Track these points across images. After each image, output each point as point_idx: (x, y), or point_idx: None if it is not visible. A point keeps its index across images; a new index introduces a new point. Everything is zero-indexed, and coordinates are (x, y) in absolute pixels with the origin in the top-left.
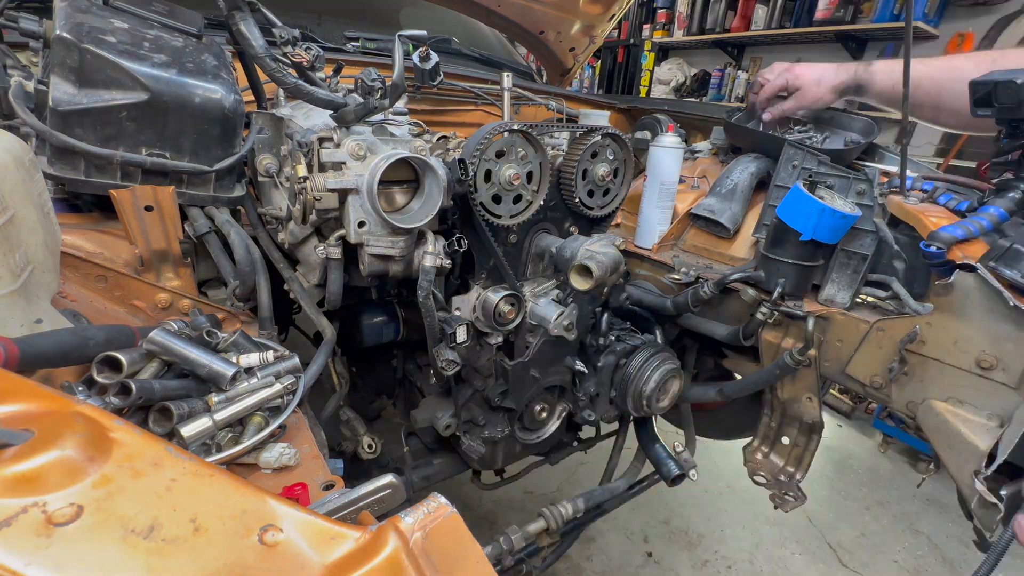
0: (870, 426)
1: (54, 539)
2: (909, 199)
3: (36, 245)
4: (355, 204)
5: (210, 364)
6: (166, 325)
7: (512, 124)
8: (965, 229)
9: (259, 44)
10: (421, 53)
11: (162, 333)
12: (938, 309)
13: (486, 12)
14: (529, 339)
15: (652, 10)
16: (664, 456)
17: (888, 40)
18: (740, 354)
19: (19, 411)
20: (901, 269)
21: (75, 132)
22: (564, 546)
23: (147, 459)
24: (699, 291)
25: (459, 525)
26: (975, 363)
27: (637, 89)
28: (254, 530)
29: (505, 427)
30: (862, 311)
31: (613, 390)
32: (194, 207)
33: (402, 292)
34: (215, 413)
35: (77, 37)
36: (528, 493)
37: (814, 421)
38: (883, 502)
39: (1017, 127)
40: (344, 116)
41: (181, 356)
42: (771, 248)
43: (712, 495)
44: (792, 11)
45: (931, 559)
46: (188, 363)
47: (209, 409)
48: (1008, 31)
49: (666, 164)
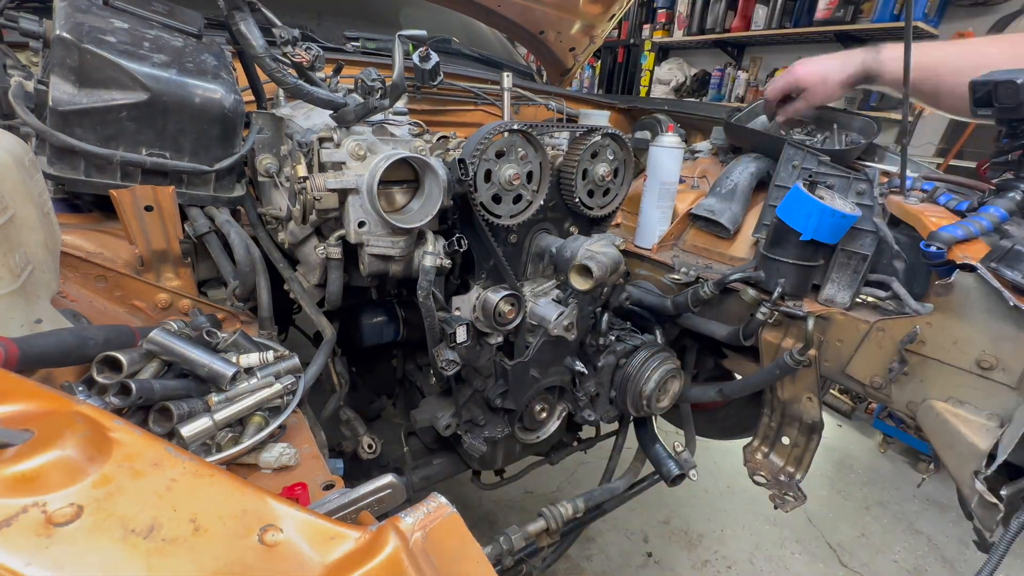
0: (870, 426)
1: (54, 539)
2: (909, 199)
3: (36, 245)
4: (355, 204)
5: (210, 364)
6: (166, 325)
7: (512, 124)
8: (965, 229)
9: (259, 44)
10: (421, 53)
11: (162, 333)
12: (938, 309)
13: (486, 12)
14: (529, 339)
15: (652, 10)
16: (664, 456)
17: (888, 40)
18: (740, 354)
19: (19, 411)
20: (901, 269)
21: (75, 132)
22: (564, 546)
23: (147, 459)
24: (699, 291)
25: (459, 525)
26: (975, 363)
27: (637, 89)
28: (254, 530)
29: (505, 427)
30: (862, 311)
31: (613, 390)
32: (194, 207)
33: (402, 292)
34: (215, 413)
35: (77, 37)
36: (528, 493)
37: (814, 421)
38: (883, 502)
39: (1017, 127)
40: (344, 116)
41: (181, 356)
42: (771, 248)
43: (712, 495)
44: (792, 11)
45: (931, 559)
46: (188, 363)
47: (209, 409)
48: (1008, 31)
49: (666, 164)
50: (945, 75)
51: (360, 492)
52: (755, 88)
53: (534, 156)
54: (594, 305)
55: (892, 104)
